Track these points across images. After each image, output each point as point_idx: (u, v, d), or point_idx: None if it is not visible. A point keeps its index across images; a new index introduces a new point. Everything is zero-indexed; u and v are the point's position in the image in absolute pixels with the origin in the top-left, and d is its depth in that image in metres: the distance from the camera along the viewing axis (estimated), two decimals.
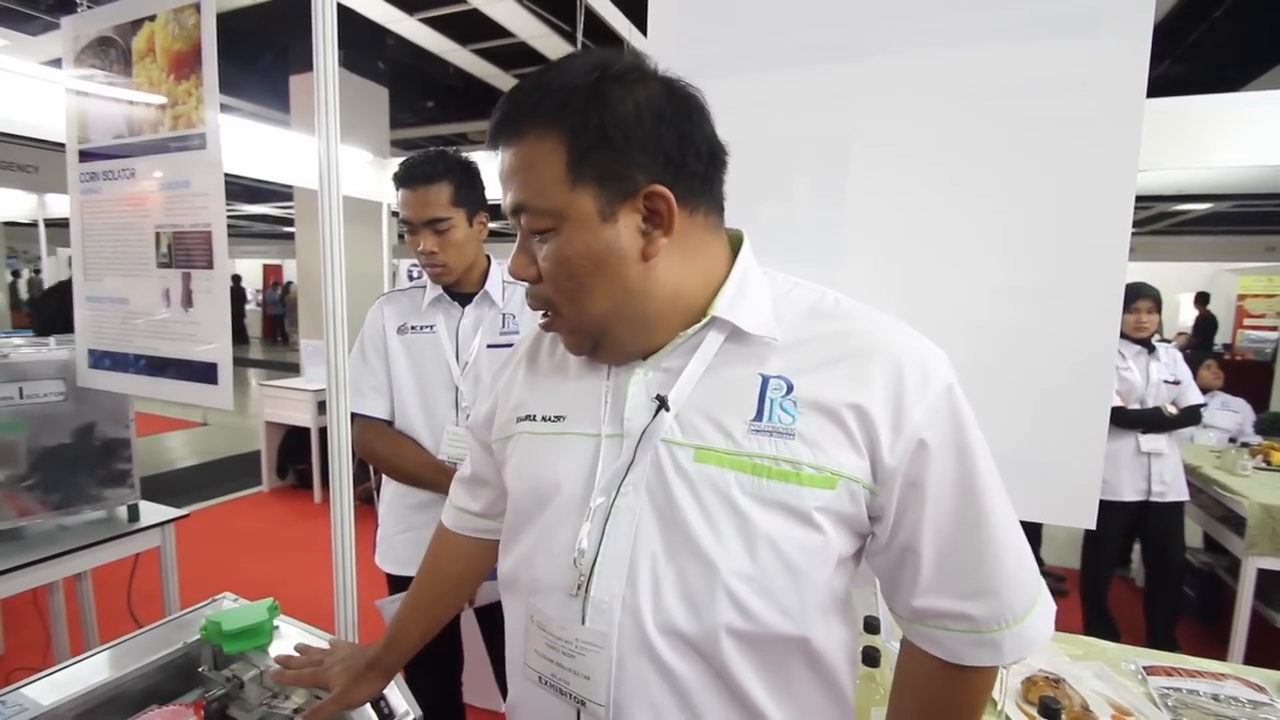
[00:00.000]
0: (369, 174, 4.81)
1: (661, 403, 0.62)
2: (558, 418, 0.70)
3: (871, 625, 1.29)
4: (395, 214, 5.71)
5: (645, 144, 0.59)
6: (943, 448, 0.60)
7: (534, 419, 0.72)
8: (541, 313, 0.67)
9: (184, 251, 1.55)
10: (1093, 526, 0.88)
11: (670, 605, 0.60)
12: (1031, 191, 0.88)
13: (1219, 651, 2.64)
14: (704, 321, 0.63)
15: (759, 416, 0.60)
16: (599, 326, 0.63)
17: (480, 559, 0.94)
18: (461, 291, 1.54)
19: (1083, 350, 0.88)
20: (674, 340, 0.64)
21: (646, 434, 0.62)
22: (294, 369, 6.59)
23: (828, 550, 0.60)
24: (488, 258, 1.59)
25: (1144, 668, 1.26)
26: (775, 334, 0.63)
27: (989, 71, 0.88)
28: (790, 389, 0.60)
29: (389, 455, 1.50)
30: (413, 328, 1.54)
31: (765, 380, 0.61)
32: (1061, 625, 1.18)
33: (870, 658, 1.06)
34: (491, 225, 1.58)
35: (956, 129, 0.91)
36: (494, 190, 1.50)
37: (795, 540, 0.59)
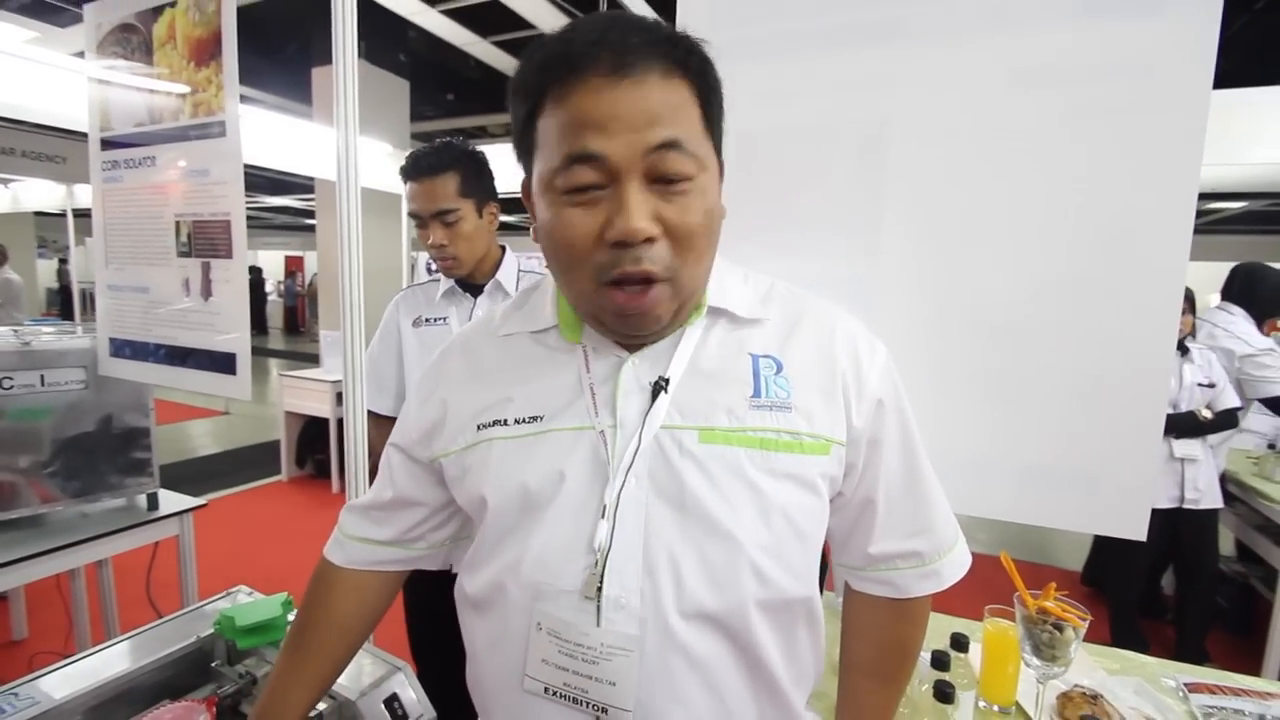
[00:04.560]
0: (389, 166, 4.81)
1: (661, 387, 0.62)
2: (533, 418, 0.65)
3: None
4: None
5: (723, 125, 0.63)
6: (891, 406, 0.67)
7: (504, 423, 0.66)
8: (641, 286, 0.57)
9: (203, 241, 1.54)
10: (1143, 538, 0.84)
11: (694, 588, 0.59)
12: (1084, 184, 0.83)
13: (1252, 664, 2.56)
14: (705, 310, 0.66)
15: (757, 393, 0.63)
16: (693, 294, 0.62)
17: (382, 596, 0.82)
18: (474, 283, 1.53)
19: (1137, 352, 0.82)
20: (675, 328, 0.65)
21: (648, 421, 0.62)
22: (313, 359, 6.64)
23: (824, 512, 0.66)
24: (503, 248, 1.58)
25: (1185, 684, 1.20)
26: (761, 315, 0.67)
27: (1041, 55, 0.83)
28: (780, 367, 0.64)
29: (378, 451, 1.50)
30: (426, 320, 1.54)
31: (755, 360, 0.64)
32: (1093, 636, 1.14)
33: None
34: (504, 218, 1.56)
35: (1005, 116, 0.85)
36: (504, 183, 1.50)
37: (803, 507, 0.63)
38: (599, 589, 0.59)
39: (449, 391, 0.72)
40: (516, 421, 0.66)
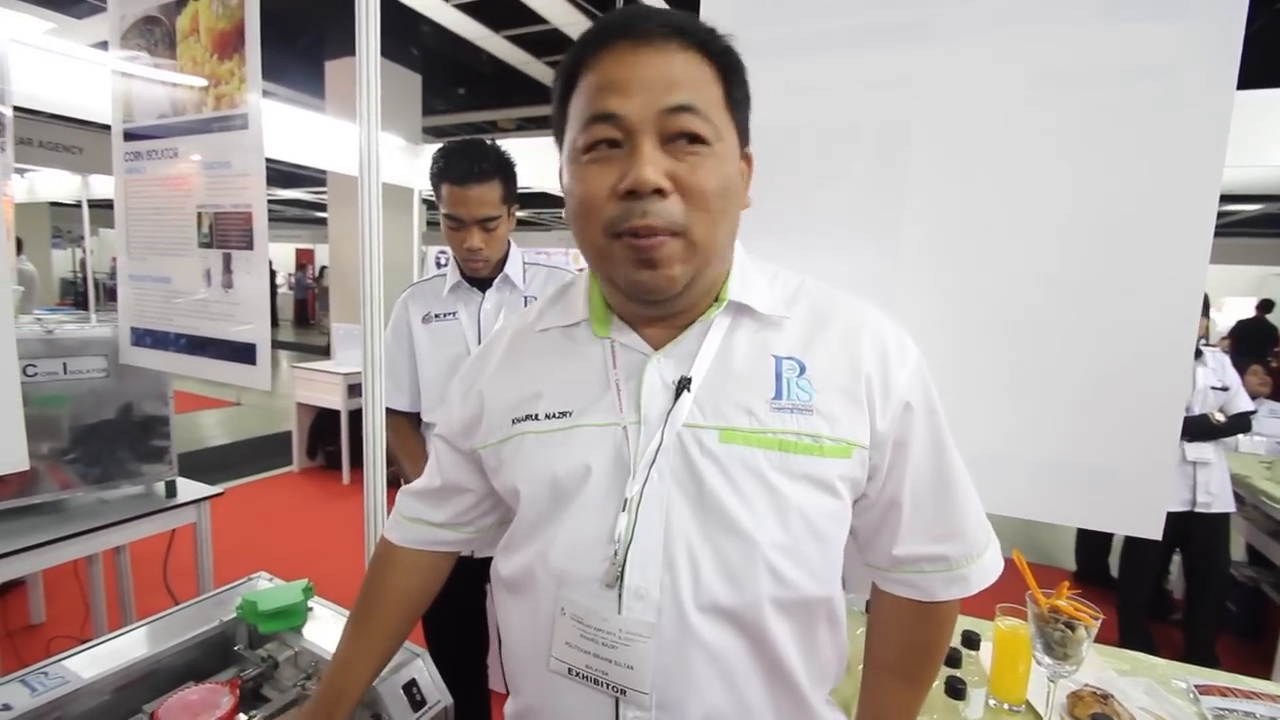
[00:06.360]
0: (401, 160, 4.83)
1: (684, 385, 0.63)
2: (563, 413, 0.68)
3: None
4: (426, 202, 5.75)
5: (748, 115, 0.65)
6: (920, 409, 0.67)
7: (535, 418, 0.69)
8: (649, 234, 0.58)
9: (225, 232, 1.56)
10: (1158, 536, 0.84)
11: (711, 583, 0.61)
12: (1106, 184, 0.83)
13: (1262, 670, 2.55)
14: (724, 305, 0.66)
15: (779, 395, 0.63)
16: (710, 260, 0.62)
17: (436, 573, 0.88)
18: (479, 276, 1.54)
19: (1156, 352, 0.83)
20: (691, 325, 0.66)
21: (670, 419, 0.63)
22: (324, 352, 6.68)
23: (845, 514, 0.66)
24: (507, 242, 1.60)
25: (1196, 686, 1.20)
26: (785, 313, 0.67)
27: (1063, 56, 0.83)
28: (803, 369, 0.65)
29: (394, 447, 1.54)
30: (436, 316, 1.56)
31: (779, 361, 0.65)
32: (1104, 638, 1.14)
33: None
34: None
35: (1026, 116, 0.86)
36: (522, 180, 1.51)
37: (822, 508, 0.63)
38: (620, 578, 0.62)
39: (487, 385, 0.75)
40: (547, 416, 0.68)
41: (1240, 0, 0.76)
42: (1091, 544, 3.59)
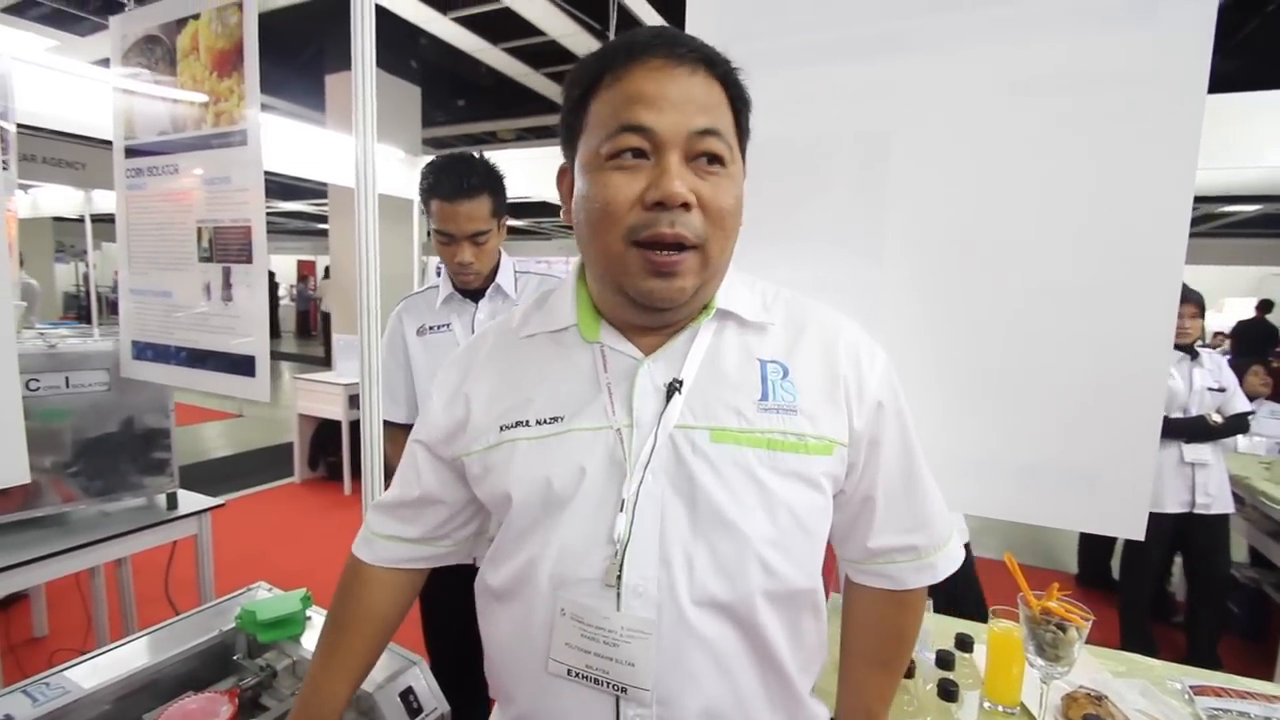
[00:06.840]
0: (401, 172, 4.87)
1: (675, 388, 0.66)
2: (554, 419, 0.69)
3: None
4: (425, 211, 5.79)
5: (747, 146, 0.69)
6: (890, 409, 0.71)
7: (526, 424, 0.69)
8: (674, 249, 0.61)
9: (224, 246, 1.58)
10: (1141, 537, 0.85)
11: (705, 578, 0.63)
12: (1083, 189, 0.85)
13: (1264, 671, 2.54)
14: (713, 312, 0.69)
15: (765, 396, 0.66)
16: (716, 274, 0.66)
17: (412, 588, 0.86)
18: (473, 288, 1.56)
19: (1134, 355, 0.84)
20: (680, 331, 0.69)
21: (662, 422, 0.65)
22: (325, 362, 6.70)
23: (828, 508, 0.70)
24: (498, 252, 1.61)
25: (1191, 687, 1.21)
26: (770, 319, 0.71)
27: (1039, 65, 0.85)
28: (786, 372, 0.68)
29: (393, 458, 1.54)
30: (430, 328, 1.57)
31: (763, 365, 0.68)
32: (1100, 640, 1.15)
33: None
34: (511, 222, 1.60)
35: (1004, 124, 0.87)
36: (512, 191, 1.53)
37: (807, 504, 0.66)
38: (619, 577, 0.63)
39: (472, 389, 0.75)
40: (538, 422, 0.69)
41: (1209, 6, 0.78)
42: (1093, 546, 3.58)
